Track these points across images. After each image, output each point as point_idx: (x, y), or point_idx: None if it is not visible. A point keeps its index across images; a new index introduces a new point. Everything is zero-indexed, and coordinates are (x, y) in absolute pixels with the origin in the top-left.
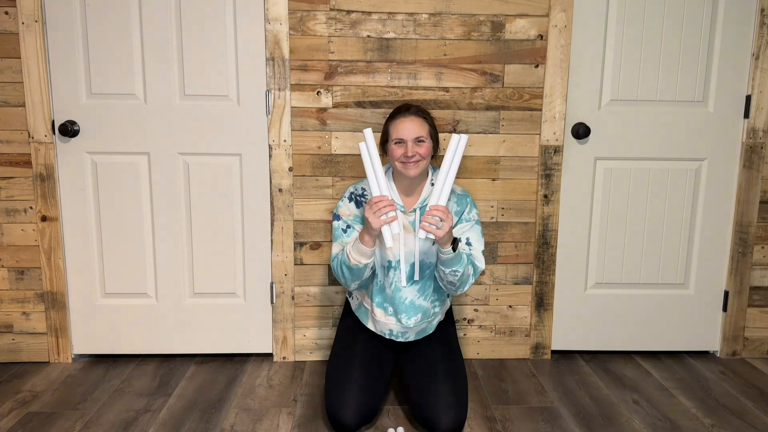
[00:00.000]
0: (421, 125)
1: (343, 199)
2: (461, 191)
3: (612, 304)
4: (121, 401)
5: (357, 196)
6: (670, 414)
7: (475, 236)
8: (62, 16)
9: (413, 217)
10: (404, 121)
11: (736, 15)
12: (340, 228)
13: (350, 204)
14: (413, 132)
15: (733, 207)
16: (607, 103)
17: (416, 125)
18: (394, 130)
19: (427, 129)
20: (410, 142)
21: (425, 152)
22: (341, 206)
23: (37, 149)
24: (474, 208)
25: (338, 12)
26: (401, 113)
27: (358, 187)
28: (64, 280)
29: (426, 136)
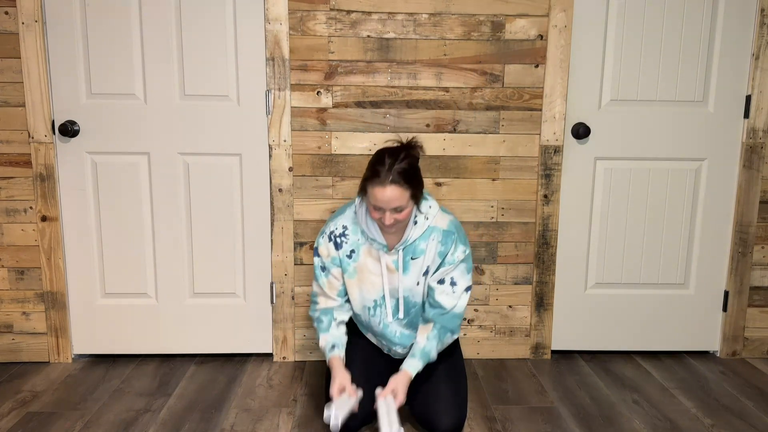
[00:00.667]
0: (401, 194)
1: (323, 235)
2: (448, 226)
3: (612, 304)
4: (121, 401)
5: (336, 237)
6: (670, 414)
7: (460, 274)
8: (62, 16)
9: (396, 257)
10: (382, 190)
11: (736, 15)
12: (319, 266)
13: (329, 244)
14: (391, 203)
15: (733, 207)
16: (607, 103)
17: (395, 195)
18: (372, 195)
19: (407, 196)
20: (388, 211)
21: (404, 217)
22: (321, 244)
23: (37, 149)
24: (460, 245)
25: (338, 12)
26: (379, 180)
27: (339, 225)
28: (64, 280)
29: (406, 202)
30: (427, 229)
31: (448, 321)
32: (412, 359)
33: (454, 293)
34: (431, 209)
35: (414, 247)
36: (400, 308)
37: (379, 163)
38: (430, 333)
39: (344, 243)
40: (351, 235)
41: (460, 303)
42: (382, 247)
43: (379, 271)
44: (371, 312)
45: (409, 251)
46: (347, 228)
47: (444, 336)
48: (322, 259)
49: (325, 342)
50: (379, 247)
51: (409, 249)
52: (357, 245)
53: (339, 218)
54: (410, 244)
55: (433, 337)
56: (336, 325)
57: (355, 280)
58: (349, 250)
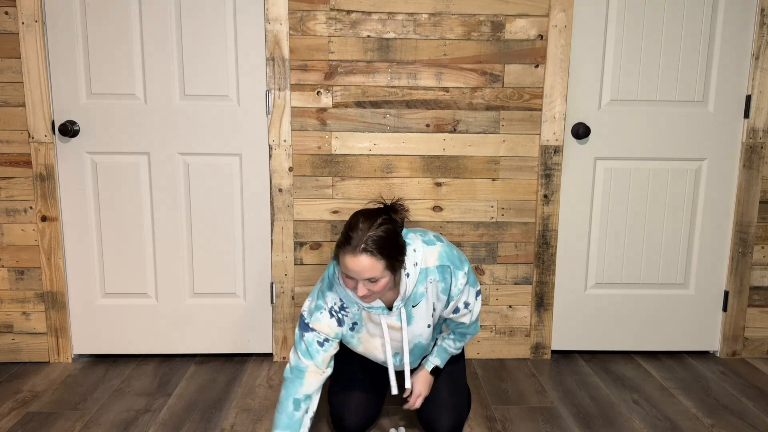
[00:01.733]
0: (373, 265)
1: (321, 311)
2: (439, 260)
3: (612, 304)
4: (121, 401)
5: (337, 313)
6: (670, 414)
7: (468, 293)
8: (62, 16)
9: (397, 313)
10: (352, 260)
11: (736, 15)
12: (315, 341)
13: (331, 321)
14: (362, 274)
15: (733, 207)
16: (607, 103)
17: (366, 266)
18: (342, 261)
19: (381, 267)
20: (360, 282)
21: (380, 288)
22: (320, 319)
23: (37, 149)
24: (458, 272)
25: (338, 12)
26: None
27: (336, 300)
28: (64, 280)
29: (380, 273)
30: (420, 273)
31: (469, 328)
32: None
33: (470, 311)
34: (416, 253)
35: (413, 295)
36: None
37: (353, 228)
38: (450, 337)
39: (346, 317)
40: (350, 308)
41: (475, 311)
42: (382, 310)
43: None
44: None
45: (409, 301)
46: (344, 301)
47: (464, 337)
48: (321, 334)
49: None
50: (378, 312)
51: (408, 301)
52: (358, 317)
53: (330, 293)
54: (408, 298)
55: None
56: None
57: (361, 349)
58: (351, 323)
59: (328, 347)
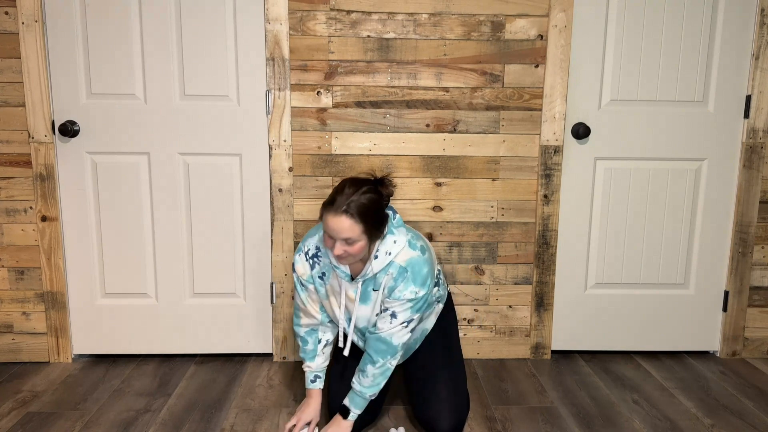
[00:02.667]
0: (351, 227)
1: (299, 252)
2: (406, 263)
3: (612, 304)
4: (121, 401)
5: (310, 258)
6: (670, 414)
7: (402, 311)
8: (62, 16)
9: (356, 287)
10: (333, 219)
11: (736, 15)
12: (298, 282)
13: (306, 263)
14: (341, 233)
15: (733, 207)
16: (607, 103)
17: (345, 227)
18: (324, 220)
19: (358, 230)
20: (338, 241)
21: (357, 251)
22: (297, 261)
23: (37, 149)
24: (411, 285)
25: (338, 12)
26: (332, 208)
27: (312, 246)
28: (64, 280)
29: (358, 236)
30: (387, 264)
31: (375, 342)
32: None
33: (391, 323)
34: (396, 245)
35: (374, 279)
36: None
37: (339, 192)
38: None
39: (317, 264)
40: (323, 258)
41: (393, 331)
42: (346, 276)
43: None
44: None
45: (370, 282)
46: (319, 250)
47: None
48: (299, 276)
49: (308, 370)
50: (342, 275)
51: (369, 281)
52: (328, 269)
53: (313, 238)
54: (370, 278)
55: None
56: (321, 351)
57: (327, 302)
58: (320, 272)
59: (305, 290)
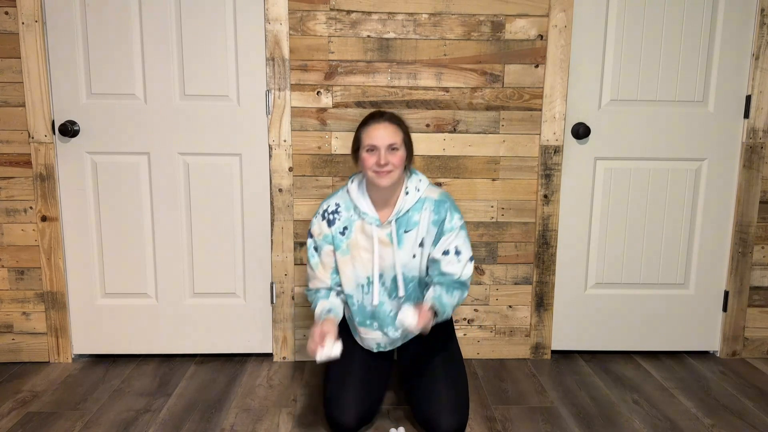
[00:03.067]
0: (395, 132)
1: (316, 215)
2: (439, 196)
3: (612, 304)
4: (121, 401)
5: (329, 214)
6: (670, 414)
7: (462, 242)
8: (62, 16)
9: (389, 230)
10: (377, 127)
11: (736, 15)
12: (312, 247)
13: (322, 223)
14: (386, 139)
15: (733, 207)
16: (607, 103)
17: (389, 132)
18: (367, 136)
19: (401, 136)
20: (383, 149)
21: (398, 161)
22: (314, 224)
23: (37, 149)
24: (455, 213)
25: (338, 12)
26: (374, 119)
27: (332, 203)
28: (64, 280)
29: (400, 143)
30: (419, 201)
31: (455, 284)
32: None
33: (459, 262)
34: (421, 182)
35: (407, 218)
36: (399, 285)
37: (373, 114)
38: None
39: (337, 220)
40: (344, 212)
41: (465, 271)
42: (375, 220)
43: (371, 247)
44: (365, 290)
45: (402, 224)
46: (340, 205)
47: (452, 290)
48: (315, 238)
49: (321, 308)
50: (371, 220)
51: (402, 221)
52: (350, 222)
53: (332, 198)
54: (403, 216)
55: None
56: (335, 294)
57: (348, 257)
58: (342, 227)
59: (319, 253)
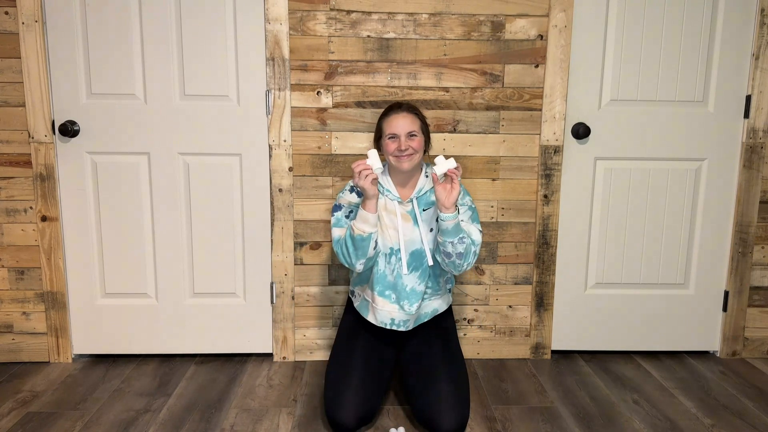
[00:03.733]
0: (413, 121)
1: (343, 191)
2: None
3: (612, 304)
4: (121, 401)
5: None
6: (670, 414)
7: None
8: (62, 16)
9: (410, 207)
10: (397, 117)
11: (736, 15)
12: (343, 215)
13: (352, 194)
14: (405, 127)
15: (733, 207)
16: (607, 103)
17: (408, 121)
18: (387, 126)
19: (418, 124)
20: (403, 136)
21: (417, 146)
22: (342, 196)
23: (37, 149)
24: (467, 195)
25: (338, 12)
26: (394, 110)
27: None
28: (64, 280)
29: (418, 130)
30: None
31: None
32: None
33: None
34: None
35: (426, 198)
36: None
37: (392, 105)
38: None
39: None
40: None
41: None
42: (396, 198)
43: (394, 223)
44: (387, 259)
45: (422, 202)
46: None
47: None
48: (344, 206)
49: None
50: (393, 197)
51: (421, 200)
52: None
53: None
54: (422, 195)
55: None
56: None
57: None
58: None
59: (353, 216)
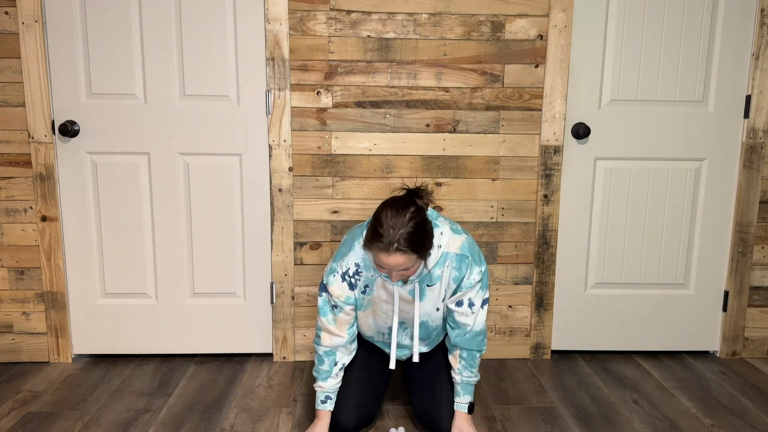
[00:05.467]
0: (406, 261)
1: (334, 273)
2: (460, 249)
3: (612, 304)
4: (121, 401)
5: (350, 277)
6: (670, 414)
7: (476, 294)
8: (62, 16)
9: (411, 287)
10: (386, 257)
11: (736, 15)
12: (329, 305)
13: (343, 284)
14: (397, 267)
15: (733, 207)
16: (607, 103)
17: (400, 262)
18: (375, 256)
19: (413, 259)
20: (395, 272)
21: (413, 273)
22: (332, 283)
23: (37, 149)
24: (475, 267)
25: (338, 12)
26: (383, 246)
27: (351, 264)
28: (64, 280)
29: (413, 263)
30: (441, 256)
31: (471, 341)
32: (459, 397)
33: (473, 313)
34: (443, 236)
35: (430, 275)
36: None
37: (382, 225)
38: (460, 365)
39: (359, 281)
40: (364, 272)
41: (478, 320)
42: (398, 282)
43: (392, 303)
44: (384, 336)
45: (425, 279)
46: (359, 266)
47: (473, 358)
48: (334, 298)
49: (320, 390)
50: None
51: (424, 278)
52: (371, 280)
53: (349, 256)
54: (426, 275)
55: (465, 367)
56: (335, 374)
57: (369, 311)
58: (363, 286)
59: (339, 312)
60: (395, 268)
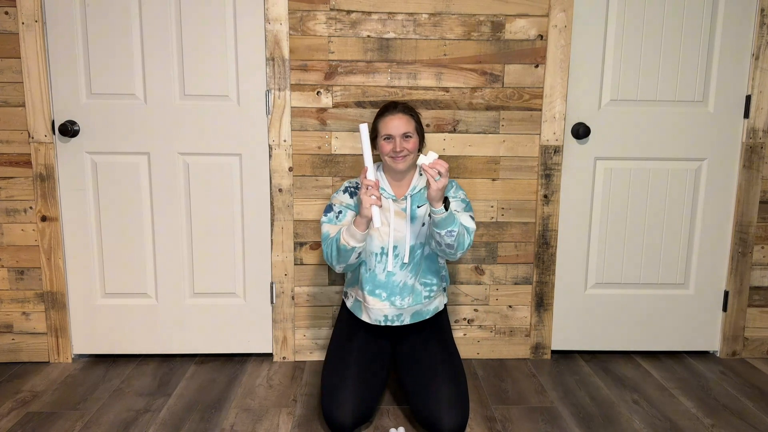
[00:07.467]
0: (408, 122)
1: (338, 192)
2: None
3: (612, 304)
4: (121, 401)
5: (351, 188)
6: (670, 414)
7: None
8: (62, 16)
9: (404, 204)
10: (392, 118)
11: (736, 15)
12: (334, 214)
13: (344, 195)
14: (400, 128)
15: (733, 207)
16: (607, 103)
17: (403, 122)
18: (383, 126)
19: (413, 125)
20: (398, 138)
21: (412, 147)
22: (335, 196)
23: (37, 149)
24: (460, 190)
25: (338, 12)
26: (389, 111)
27: (353, 181)
28: (64, 280)
29: (413, 131)
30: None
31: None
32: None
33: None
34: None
35: (420, 195)
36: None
37: (387, 105)
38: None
39: (357, 193)
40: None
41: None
42: (391, 195)
43: (387, 220)
44: (377, 258)
45: (416, 199)
46: (359, 183)
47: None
48: (337, 206)
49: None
50: (387, 195)
51: (415, 197)
52: None
53: (353, 179)
54: (416, 193)
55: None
56: None
57: None
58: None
59: (343, 217)
60: (399, 128)
